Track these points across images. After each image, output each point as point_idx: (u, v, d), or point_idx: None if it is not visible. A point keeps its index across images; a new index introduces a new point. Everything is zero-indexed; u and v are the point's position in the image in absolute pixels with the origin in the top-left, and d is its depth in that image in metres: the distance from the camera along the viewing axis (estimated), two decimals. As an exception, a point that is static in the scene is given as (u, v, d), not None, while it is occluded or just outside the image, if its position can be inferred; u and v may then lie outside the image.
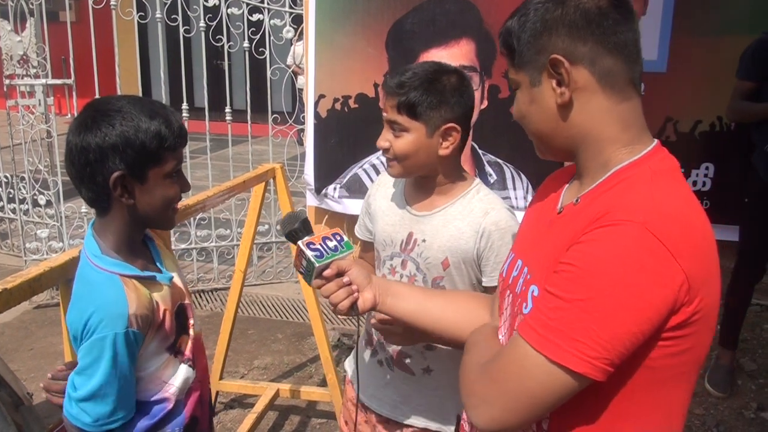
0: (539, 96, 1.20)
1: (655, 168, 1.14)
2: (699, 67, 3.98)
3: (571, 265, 1.06)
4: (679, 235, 1.03)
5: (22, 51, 5.08)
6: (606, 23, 1.14)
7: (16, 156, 5.44)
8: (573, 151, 1.22)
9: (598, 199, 1.14)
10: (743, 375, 3.83)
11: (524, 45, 1.18)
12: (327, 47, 4.52)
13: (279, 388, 3.45)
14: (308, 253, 1.44)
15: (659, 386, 1.12)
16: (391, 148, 1.77)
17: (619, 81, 1.15)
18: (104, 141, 1.44)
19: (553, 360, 1.03)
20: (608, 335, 1.01)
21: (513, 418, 1.09)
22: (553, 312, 1.05)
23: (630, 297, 1.01)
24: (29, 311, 4.69)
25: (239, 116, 5.26)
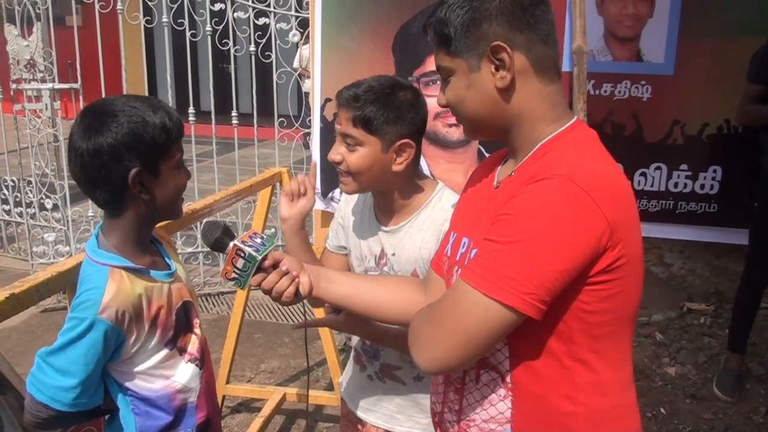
0: (478, 81, 1.28)
1: (577, 137, 1.27)
2: (706, 69, 3.97)
3: (505, 214, 1.18)
4: (601, 186, 1.15)
5: (29, 55, 5.10)
6: (537, 13, 1.26)
7: (23, 160, 5.45)
8: (506, 130, 1.33)
9: (531, 167, 1.26)
10: (752, 379, 3.81)
11: (462, 33, 1.26)
12: (333, 51, 4.52)
13: (286, 392, 3.44)
14: (247, 249, 1.45)
15: (598, 329, 1.22)
16: (344, 162, 1.76)
17: (548, 65, 1.28)
18: (116, 140, 1.45)
19: (489, 295, 1.13)
20: (537, 272, 1.12)
21: (454, 356, 1.18)
22: (490, 254, 1.17)
23: (557, 237, 1.12)
24: (36, 315, 4.70)
25: (245, 120, 5.27)
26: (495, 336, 1.16)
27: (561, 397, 1.25)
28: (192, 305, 1.72)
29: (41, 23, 5.03)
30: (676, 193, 4.20)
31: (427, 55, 4.32)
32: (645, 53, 4.11)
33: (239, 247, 1.46)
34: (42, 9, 4.99)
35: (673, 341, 4.20)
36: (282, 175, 3.17)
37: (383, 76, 1.79)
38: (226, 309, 4.91)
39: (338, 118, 1.78)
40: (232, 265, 1.47)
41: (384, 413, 1.94)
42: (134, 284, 1.53)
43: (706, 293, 4.58)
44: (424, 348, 1.22)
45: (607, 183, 1.17)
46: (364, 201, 1.96)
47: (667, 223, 4.25)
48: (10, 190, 5.67)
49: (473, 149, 4.25)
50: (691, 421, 3.49)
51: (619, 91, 4.15)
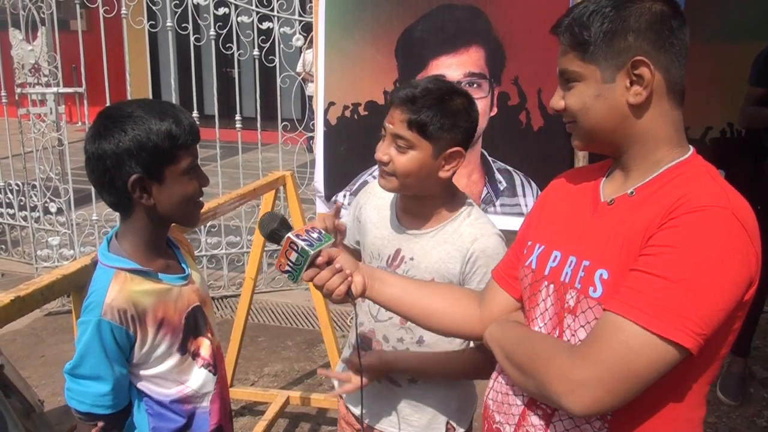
0: (609, 92, 1.24)
1: (709, 168, 1.25)
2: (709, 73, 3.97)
3: (669, 246, 1.12)
4: (751, 222, 1.15)
5: (34, 60, 5.12)
6: (680, 35, 1.23)
7: (27, 164, 5.46)
8: (624, 146, 1.28)
9: (660, 190, 1.22)
10: (755, 383, 3.80)
11: (603, 41, 1.22)
12: (336, 55, 4.53)
13: (289, 396, 3.44)
14: (300, 243, 1.44)
15: (709, 363, 1.20)
16: (391, 163, 1.72)
17: (678, 90, 1.25)
18: (118, 147, 1.47)
19: (664, 337, 1.08)
20: (709, 311, 1.09)
21: (618, 397, 1.12)
22: (659, 292, 1.10)
23: (726, 276, 1.10)
24: (40, 318, 4.71)
25: (249, 124, 5.28)
26: (659, 376, 1.12)
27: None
28: (203, 310, 1.73)
29: (46, 28, 5.05)
30: (680, 196, 4.19)
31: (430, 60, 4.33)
32: (648, 57, 4.11)
33: (293, 240, 1.44)
34: (46, 13, 5.01)
35: (677, 345, 4.19)
36: (286, 178, 3.18)
37: (438, 79, 1.76)
38: (230, 312, 4.92)
39: (390, 117, 1.73)
40: (286, 257, 1.46)
41: (378, 414, 1.94)
42: (138, 285, 1.55)
43: (709, 297, 4.57)
44: (581, 390, 1.13)
45: (753, 218, 1.17)
46: (386, 198, 1.93)
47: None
48: (14, 194, 5.69)
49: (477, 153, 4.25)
50: (695, 424, 3.48)
51: (622, 94, 4.15)
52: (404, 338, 1.85)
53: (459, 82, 4.01)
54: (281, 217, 1.52)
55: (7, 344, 4.30)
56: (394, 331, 1.86)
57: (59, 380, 3.71)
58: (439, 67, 4.25)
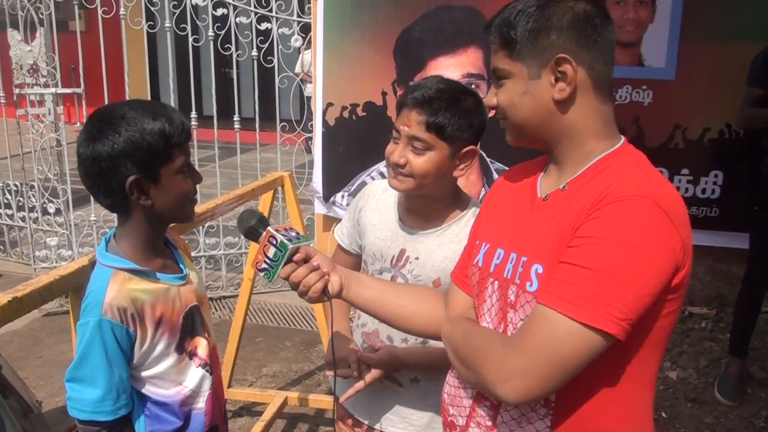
0: (535, 89, 1.28)
1: (636, 157, 1.29)
2: (707, 74, 3.98)
3: (592, 237, 1.16)
4: (675, 207, 1.18)
5: (32, 60, 5.12)
6: (604, 32, 1.27)
7: (25, 164, 5.46)
8: (553, 141, 1.32)
9: (590, 182, 1.26)
10: (753, 384, 3.80)
11: (528, 39, 1.26)
12: (335, 56, 4.54)
13: (287, 396, 3.44)
14: (279, 237, 1.44)
15: (651, 347, 1.24)
16: (408, 165, 1.71)
17: (605, 85, 1.29)
18: (113, 149, 1.47)
19: (588, 324, 1.12)
20: (632, 297, 1.13)
21: (548, 385, 1.16)
22: (582, 282, 1.14)
23: (648, 262, 1.14)
24: (38, 319, 4.71)
25: (247, 124, 5.28)
26: (588, 362, 1.15)
27: (604, 417, 1.25)
28: (200, 310, 1.73)
29: (44, 28, 5.05)
30: (678, 197, 4.20)
31: (428, 60, 4.34)
32: (646, 58, 4.13)
33: (272, 234, 1.45)
34: (45, 14, 5.01)
35: (675, 345, 4.20)
36: (284, 178, 3.18)
37: (446, 80, 1.76)
38: (228, 313, 4.92)
39: (404, 120, 1.71)
40: (264, 253, 1.46)
41: (378, 413, 1.94)
42: (137, 285, 1.55)
43: (707, 297, 4.58)
44: (513, 379, 1.17)
45: (679, 205, 1.20)
46: (386, 199, 1.93)
47: (669, 228, 4.25)
48: (12, 195, 5.69)
49: (475, 154, 4.26)
50: (693, 425, 3.49)
51: (621, 95, 4.17)
52: (408, 338, 1.85)
53: (457, 82, 4.01)
54: (260, 215, 1.52)
55: (5, 345, 4.30)
56: (398, 331, 1.85)
57: (57, 381, 3.74)
58: (438, 68, 4.26)
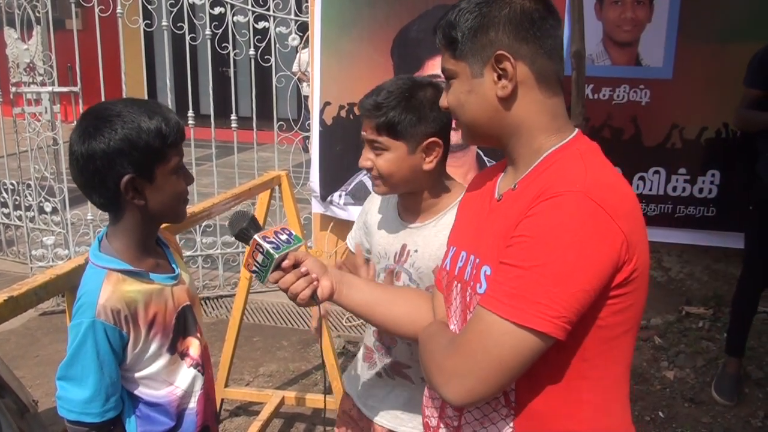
0: (479, 87, 1.28)
1: (582, 149, 1.27)
2: (705, 73, 3.98)
3: (523, 236, 1.16)
4: (614, 200, 1.15)
5: (29, 59, 5.11)
6: (545, 26, 1.26)
7: (22, 163, 5.45)
8: (505, 139, 1.32)
9: (535, 180, 1.25)
10: (750, 383, 3.81)
11: (468, 38, 1.27)
12: (332, 55, 4.53)
13: (284, 396, 3.44)
14: (266, 246, 1.44)
15: (608, 344, 1.22)
16: (374, 168, 1.78)
17: (551, 79, 1.28)
18: (109, 146, 1.45)
19: (520, 324, 1.12)
20: (565, 294, 1.11)
21: (487, 386, 1.16)
22: (514, 281, 1.14)
23: (580, 257, 1.11)
24: (35, 318, 4.69)
25: (245, 123, 5.28)
26: (527, 363, 1.15)
27: (565, 416, 1.24)
28: (193, 310, 1.72)
29: (41, 27, 5.03)
30: (675, 197, 4.21)
31: (426, 59, 4.34)
32: (644, 57, 4.13)
33: (258, 242, 1.45)
34: (42, 12, 5.00)
35: (672, 345, 4.20)
36: (281, 178, 3.17)
37: (401, 78, 1.80)
38: (225, 312, 4.91)
39: (363, 126, 1.79)
40: (253, 258, 1.46)
41: (389, 411, 1.95)
42: (130, 286, 1.54)
43: (704, 297, 4.59)
44: (453, 380, 1.19)
45: (619, 196, 1.17)
46: (388, 199, 1.98)
47: (666, 227, 4.26)
48: (9, 194, 5.67)
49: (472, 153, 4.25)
50: (690, 424, 3.49)
51: (618, 95, 4.17)
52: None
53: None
54: (251, 216, 1.52)
55: (1, 344, 4.29)
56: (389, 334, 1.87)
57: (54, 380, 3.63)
58: (435, 67, 4.25)
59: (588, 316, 1.16)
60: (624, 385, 1.30)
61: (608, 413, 1.28)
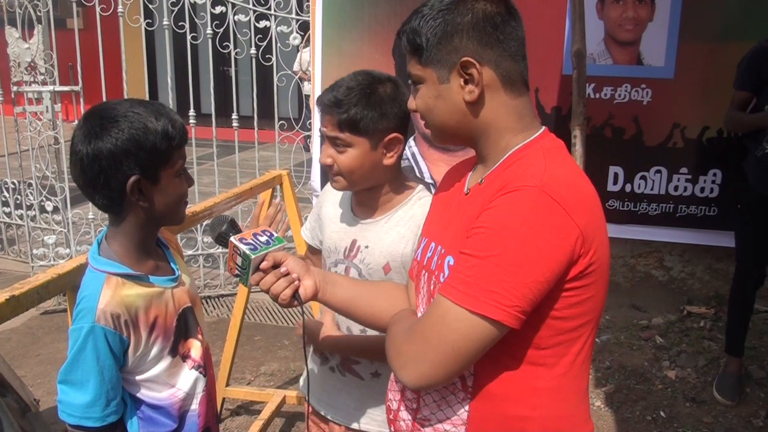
0: (447, 92, 1.31)
1: (546, 146, 1.30)
2: (706, 73, 3.98)
3: (481, 227, 1.20)
4: (571, 195, 1.19)
5: (30, 58, 5.11)
6: (507, 29, 1.28)
7: (23, 162, 5.45)
8: (474, 139, 1.36)
9: (500, 175, 1.29)
10: (751, 383, 3.81)
11: (433, 45, 1.29)
12: (334, 54, 4.53)
13: (286, 395, 3.44)
14: (242, 248, 1.43)
15: (565, 335, 1.25)
16: (335, 165, 1.76)
17: (516, 80, 1.30)
18: (116, 146, 1.44)
19: (474, 311, 1.15)
20: (519, 284, 1.14)
21: (441, 371, 1.20)
22: (470, 269, 1.18)
23: (534, 249, 1.15)
24: (36, 317, 4.70)
25: (246, 123, 5.28)
26: (481, 350, 1.18)
27: (519, 401, 1.27)
28: (194, 311, 1.71)
29: (42, 26, 5.03)
30: (677, 196, 4.20)
31: (427, 59, 4.33)
32: (645, 57, 4.12)
33: (235, 245, 1.44)
34: (43, 12, 5.00)
35: (673, 344, 4.20)
36: (282, 177, 3.17)
37: (360, 73, 1.78)
38: (226, 311, 4.91)
39: (323, 122, 1.77)
40: (234, 261, 1.46)
41: (342, 408, 1.94)
42: (130, 290, 1.53)
43: (706, 296, 4.58)
44: (409, 364, 1.23)
45: (576, 191, 1.21)
46: (345, 193, 1.96)
47: (668, 227, 4.26)
48: (10, 193, 5.67)
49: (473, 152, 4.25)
50: (691, 424, 3.49)
51: (620, 94, 4.16)
52: (367, 330, 1.86)
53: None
54: (230, 220, 1.51)
55: (2, 343, 4.29)
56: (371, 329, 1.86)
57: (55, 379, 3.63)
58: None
59: (543, 306, 1.19)
60: (582, 376, 1.33)
61: (563, 401, 1.30)
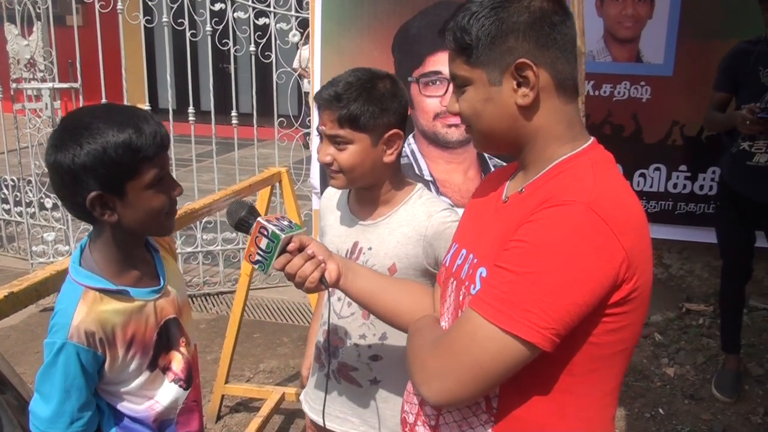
0: (497, 95, 1.22)
1: (594, 159, 1.22)
2: (705, 70, 3.97)
3: (521, 241, 1.12)
4: (619, 215, 1.11)
5: (29, 55, 5.11)
6: (564, 30, 1.21)
7: (22, 159, 5.45)
8: (520, 146, 1.27)
9: (543, 186, 1.21)
10: (750, 380, 3.81)
11: (485, 45, 1.20)
12: (333, 51, 4.52)
13: (285, 392, 3.44)
14: (271, 228, 1.39)
15: (599, 362, 1.18)
16: (335, 162, 1.73)
17: (569, 84, 1.23)
18: (73, 162, 1.36)
19: (506, 330, 1.08)
20: (556, 306, 1.07)
21: (466, 390, 1.13)
22: (505, 285, 1.10)
23: (576, 270, 1.07)
24: (35, 314, 4.69)
25: (245, 120, 5.27)
26: (510, 371, 1.11)
27: (545, 427, 1.21)
28: (178, 322, 1.64)
29: (41, 23, 5.03)
30: (676, 193, 4.21)
31: (426, 56, 4.32)
32: (644, 54, 4.12)
33: (263, 225, 1.39)
34: (42, 8, 4.99)
35: (672, 342, 4.20)
36: (281, 174, 3.17)
37: (358, 70, 1.76)
38: (225, 309, 4.92)
39: (321, 120, 1.74)
40: (256, 245, 1.41)
41: (338, 416, 1.91)
42: (108, 305, 1.47)
43: (705, 294, 4.59)
44: (433, 380, 1.16)
45: (625, 212, 1.13)
46: (340, 197, 1.94)
47: (666, 224, 4.25)
48: (9, 190, 5.67)
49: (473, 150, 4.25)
50: (690, 421, 3.49)
51: (619, 91, 4.16)
52: (366, 334, 1.84)
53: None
54: (249, 205, 1.47)
55: (1, 340, 4.30)
56: (356, 327, 1.85)
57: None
58: (436, 63, 4.25)
59: (580, 331, 1.12)
60: (611, 403, 1.26)
61: (590, 430, 1.24)
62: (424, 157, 4.13)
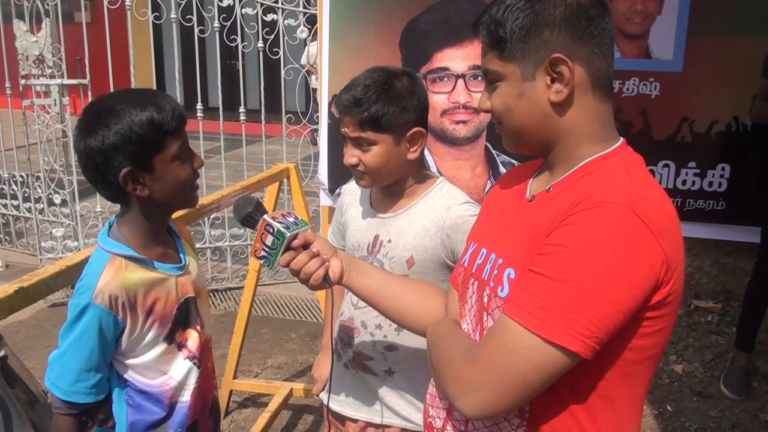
0: (531, 91, 1.19)
1: (628, 160, 1.19)
2: (715, 66, 3.95)
3: (560, 246, 1.08)
4: (659, 218, 1.08)
5: (38, 51, 5.11)
6: (602, 24, 1.17)
7: (31, 155, 5.47)
8: (550, 145, 1.24)
9: (573, 185, 1.18)
10: (759, 377, 3.80)
11: (519, 38, 1.17)
12: (341, 47, 4.52)
13: (292, 388, 3.45)
14: (276, 225, 1.41)
15: (632, 367, 1.15)
16: (360, 164, 1.76)
17: (604, 82, 1.20)
18: (103, 143, 1.48)
19: (549, 340, 1.05)
20: (600, 313, 1.04)
21: (506, 403, 1.10)
22: (546, 293, 1.06)
23: (620, 276, 1.04)
24: (44, 309, 4.72)
25: (253, 116, 5.27)
26: (550, 381, 1.08)
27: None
28: (196, 302, 1.72)
29: (50, 19, 5.04)
30: (685, 190, 4.19)
31: (434, 52, 4.32)
32: (654, 50, 4.10)
33: (268, 222, 1.42)
34: (51, 5, 5.00)
35: (681, 339, 4.19)
36: (289, 170, 3.17)
37: (374, 70, 1.78)
38: (234, 305, 4.93)
39: (343, 123, 1.77)
40: (261, 242, 1.44)
41: (363, 404, 1.93)
42: (132, 273, 1.55)
43: (713, 291, 4.57)
44: (471, 393, 1.11)
45: (664, 215, 1.11)
46: (362, 192, 1.97)
47: (675, 221, 4.23)
48: (18, 186, 5.69)
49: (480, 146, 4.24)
50: (698, 418, 3.48)
51: (628, 88, 4.14)
52: (382, 324, 1.86)
53: (463, 74, 4.01)
54: (256, 201, 1.50)
55: (11, 335, 4.31)
56: (372, 317, 1.86)
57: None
58: (443, 60, 4.25)
59: (616, 336, 1.09)
60: (639, 407, 1.24)
61: None
62: (432, 154, 4.13)
